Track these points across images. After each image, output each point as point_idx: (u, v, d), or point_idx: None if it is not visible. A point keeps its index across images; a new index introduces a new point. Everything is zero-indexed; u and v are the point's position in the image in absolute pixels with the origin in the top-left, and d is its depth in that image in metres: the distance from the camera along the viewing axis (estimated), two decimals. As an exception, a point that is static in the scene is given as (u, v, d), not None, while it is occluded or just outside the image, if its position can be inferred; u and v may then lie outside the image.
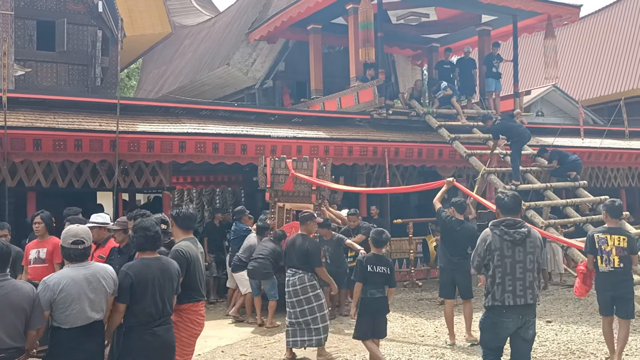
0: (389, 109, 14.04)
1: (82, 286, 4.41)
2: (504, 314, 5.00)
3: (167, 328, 4.78)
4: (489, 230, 5.08)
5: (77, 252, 4.54)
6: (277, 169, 10.45)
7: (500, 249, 4.99)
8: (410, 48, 19.36)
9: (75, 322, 4.36)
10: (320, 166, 10.48)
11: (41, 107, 11.03)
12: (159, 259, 4.85)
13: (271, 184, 10.44)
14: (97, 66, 14.56)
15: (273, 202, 10.54)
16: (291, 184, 10.34)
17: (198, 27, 23.03)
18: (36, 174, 10.40)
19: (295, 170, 10.31)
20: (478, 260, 5.12)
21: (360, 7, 13.35)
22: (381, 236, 6.93)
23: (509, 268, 4.96)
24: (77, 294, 4.37)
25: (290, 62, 18.10)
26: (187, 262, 5.19)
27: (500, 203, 5.21)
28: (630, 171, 17.55)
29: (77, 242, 4.55)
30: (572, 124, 18.60)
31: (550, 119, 21.87)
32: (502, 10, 15.08)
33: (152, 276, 4.68)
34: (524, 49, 25.63)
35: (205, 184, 18.88)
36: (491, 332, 5.10)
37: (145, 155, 11.05)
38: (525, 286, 4.97)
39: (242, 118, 13.00)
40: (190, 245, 5.40)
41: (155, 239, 4.83)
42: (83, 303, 4.38)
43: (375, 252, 6.91)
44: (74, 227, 4.76)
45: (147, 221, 4.93)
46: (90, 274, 4.49)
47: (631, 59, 23.60)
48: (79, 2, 14.66)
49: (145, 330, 4.64)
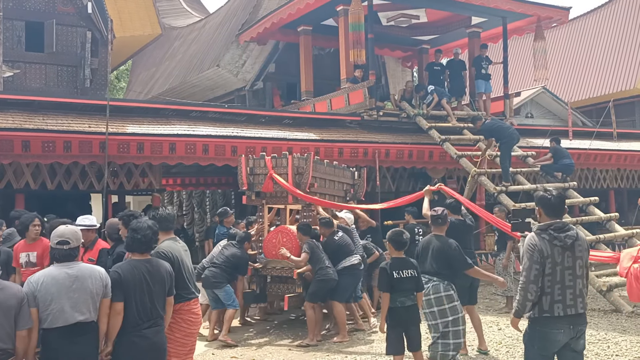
0: (380, 111, 14.06)
1: (63, 285, 4.36)
2: (554, 325, 4.54)
3: (156, 330, 4.73)
4: (536, 236, 4.58)
5: (63, 253, 4.50)
6: (256, 169, 9.69)
7: (551, 255, 4.52)
8: (401, 50, 19.40)
9: (56, 321, 4.31)
10: (298, 160, 9.42)
11: (30, 109, 10.95)
12: (148, 261, 4.80)
13: (249, 186, 9.68)
14: (86, 67, 14.49)
15: (259, 204, 9.86)
16: (270, 184, 9.43)
17: (188, 28, 22.98)
18: (25, 176, 10.33)
19: (274, 168, 9.44)
20: (537, 269, 4.49)
21: (351, 9, 13.36)
22: (401, 237, 6.33)
23: (559, 276, 4.52)
24: (56, 293, 4.33)
25: (280, 63, 18.09)
26: (170, 262, 5.10)
27: (546, 203, 4.70)
28: (619, 172, 17.65)
29: (63, 242, 4.51)
30: (561, 126, 18.70)
31: (539, 121, 21.96)
32: (491, 12, 15.14)
33: (139, 278, 4.63)
34: (514, 51, 25.73)
35: (195, 186, 18.81)
36: (539, 347, 4.62)
37: (135, 156, 10.99)
38: (575, 294, 4.55)
39: (233, 119, 12.96)
40: (171, 244, 5.33)
41: (142, 242, 4.78)
42: (63, 302, 4.33)
43: (397, 255, 6.29)
44: (62, 227, 4.72)
45: (140, 224, 4.86)
46: (74, 274, 4.44)
47: (620, 61, 23.75)
48: (68, 3, 14.58)
49: (134, 333, 4.59)
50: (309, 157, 9.42)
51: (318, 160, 9.97)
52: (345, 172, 10.76)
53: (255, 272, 9.43)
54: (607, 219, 12.39)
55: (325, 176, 10.02)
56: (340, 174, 10.56)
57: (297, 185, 9.24)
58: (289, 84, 18.31)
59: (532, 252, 4.53)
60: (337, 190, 10.45)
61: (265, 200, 9.70)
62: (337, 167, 10.58)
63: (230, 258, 8.91)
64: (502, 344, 8.19)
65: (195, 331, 5.40)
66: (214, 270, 8.84)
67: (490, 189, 12.32)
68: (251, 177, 9.70)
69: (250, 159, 9.74)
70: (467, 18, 16.26)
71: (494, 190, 12.16)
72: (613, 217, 12.56)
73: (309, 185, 9.29)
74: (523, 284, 4.55)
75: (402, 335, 6.23)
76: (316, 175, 9.64)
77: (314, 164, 9.56)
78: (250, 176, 9.70)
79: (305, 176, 9.32)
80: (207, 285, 8.83)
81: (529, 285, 4.51)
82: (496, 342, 8.14)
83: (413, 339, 6.27)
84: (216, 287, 8.77)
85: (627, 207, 17.89)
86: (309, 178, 9.30)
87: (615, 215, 12.82)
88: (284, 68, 18.05)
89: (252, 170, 9.69)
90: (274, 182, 9.33)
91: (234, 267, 8.94)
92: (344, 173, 10.71)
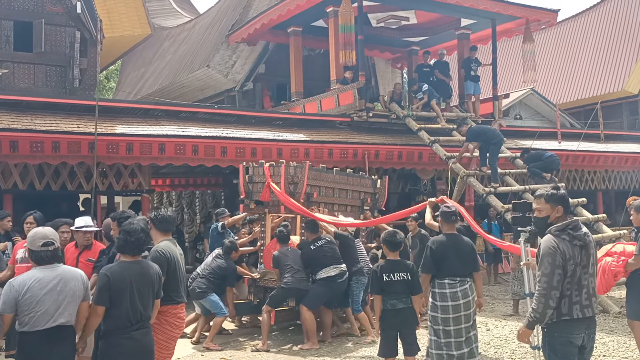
0: (369, 112, 14.07)
1: (48, 288, 4.33)
2: (574, 329, 4.25)
3: (145, 332, 4.70)
4: (555, 237, 4.29)
5: (49, 254, 4.46)
6: (255, 177, 9.41)
7: (573, 257, 4.25)
8: (390, 51, 19.44)
9: (39, 324, 4.27)
10: (294, 169, 9.17)
11: (18, 109, 10.88)
12: (138, 263, 4.77)
13: (247, 194, 9.45)
14: (75, 67, 14.39)
15: (261, 213, 9.53)
16: (268, 193, 9.14)
17: (178, 28, 22.91)
18: (13, 176, 10.26)
19: (272, 177, 9.12)
20: (560, 274, 4.20)
21: (341, 10, 13.37)
22: (395, 237, 6.24)
23: (577, 276, 4.27)
24: (42, 295, 4.29)
25: (270, 64, 18.09)
26: (167, 262, 5.10)
27: (564, 200, 4.47)
28: (607, 174, 17.78)
29: (47, 244, 4.47)
30: (549, 127, 18.80)
31: (528, 122, 22.10)
32: (481, 15, 15.21)
33: (130, 280, 4.60)
34: (503, 53, 25.86)
35: (185, 187, 18.77)
36: (562, 354, 4.27)
37: (124, 157, 10.94)
38: (589, 294, 4.31)
39: (222, 120, 12.94)
40: (170, 245, 5.31)
41: (134, 245, 4.73)
42: (48, 305, 4.30)
43: (391, 257, 6.23)
44: (41, 229, 4.69)
45: (133, 226, 4.81)
46: (59, 276, 4.41)
47: (608, 63, 23.92)
48: (57, 3, 14.49)
49: (123, 335, 4.56)
50: (304, 166, 9.15)
51: (324, 168, 9.75)
52: (364, 180, 10.44)
53: (253, 283, 9.24)
54: (595, 220, 12.46)
55: (333, 185, 9.75)
56: (356, 182, 10.24)
57: (292, 194, 9.02)
58: (279, 84, 18.32)
59: (554, 256, 4.22)
60: (351, 199, 10.12)
61: (268, 209, 9.43)
62: (352, 175, 10.30)
63: (217, 270, 8.84)
64: (491, 344, 8.23)
65: (177, 335, 5.36)
66: (199, 280, 8.78)
67: (479, 190, 12.38)
68: (250, 185, 9.48)
69: (249, 167, 9.54)
70: (456, 20, 16.33)
71: (483, 192, 12.22)
72: (601, 219, 12.64)
73: (302, 195, 9.08)
74: (544, 290, 4.20)
75: (396, 338, 6.16)
76: (319, 185, 9.42)
77: (317, 172, 9.40)
78: (249, 184, 9.47)
79: (300, 185, 9.10)
80: (193, 297, 8.72)
81: (550, 291, 4.19)
82: (485, 343, 8.17)
83: (408, 343, 6.17)
84: (201, 297, 8.69)
85: (614, 209, 18.01)
86: (304, 187, 9.09)
87: (603, 216, 12.91)
88: (274, 69, 18.05)
89: (250, 179, 9.47)
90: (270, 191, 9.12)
91: (221, 278, 8.83)
92: (361, 181, 10.37)
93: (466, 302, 6.10)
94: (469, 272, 6.25)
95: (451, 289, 6.09)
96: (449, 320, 6.06)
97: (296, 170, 9.19)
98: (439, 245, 6.19)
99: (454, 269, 6.13)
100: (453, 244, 6.21)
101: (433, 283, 6.20)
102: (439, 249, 6.16)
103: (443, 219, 6.42)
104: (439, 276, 6.11)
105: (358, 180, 10.35)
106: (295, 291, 8.41)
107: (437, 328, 6.11)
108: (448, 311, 6.07)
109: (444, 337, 6.06)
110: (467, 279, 6.18)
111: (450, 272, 6.13)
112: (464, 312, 6.09)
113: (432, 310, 6.17)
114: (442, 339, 6.07)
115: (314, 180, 9.35)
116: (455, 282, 6.10)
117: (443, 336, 6.07)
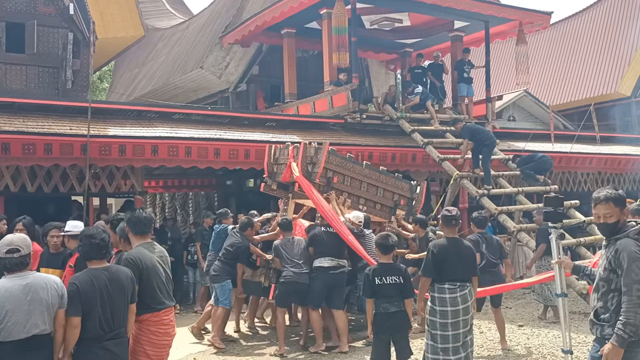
0: (363, 114, 14.07)
1: (18, 297, 4.16)
2: None
3: (118, 342, 4.56)
4: (635, 241, 4.02)
5: (13, 261, 4.28)
6: (280, 158, 9.20)
7: None
8: (384, 53, 19.45)
9: (11, 335, 4.12)
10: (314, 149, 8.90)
11: (10, 110, 10.83)
12: (107, 269, 4.62)
13: (270, 174, 9.27)
14: (68, 69, 14.33)
15: (284, 197, 9.31)
16: (288, 173, 8.88)
17: (171, 30, 22.87)
18: (4, 179, 10.21)
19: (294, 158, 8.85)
20: None
21: (334, 12, 13.37)
22: (387, 240, 6.21)
23: None
24: (12, 306, 4.13)
25: (264, 66, 18.08)
26: (138, 269, 4.88)
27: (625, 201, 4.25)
28: (600, 176, 17.82)
29: (12, 251, 4.30)
30: (543, 129, 18.84)
31: (522, 124, 22.14)
32: (474, 17, 15.23)
33: (99, 287, 4.46)
34: (496, 55, 25.91)
35: (178, 188, 18.75)
36: None
37: (116, 159, 10.90)
38: None
39: (216, 122, 12.92)
40: (143, 251, 5.07)
41: (100, 247, 4.61)
42: (19, 315, 4.14)
43: (384, 260, 6.20)
44: (10, 235, 4.58)
45: (92, 229, 4.73)
46: (28, 285, 4.24)
47: (601, 65, 24.00)
48: (50, 4, 14.44)
49: (96, 344, 4.43)
50: (323, 148, 8.98)
51: (351, 158, 9.62)
52: (400, 182, 10.27)
53: (266, 264, 8.86)
54: (589, 222, 12.46)
55: (361, 177, 9.63)
56: (391, 183, 10.08)
57: (308, 174, 8.85)
58: (273, 86, 18.31)
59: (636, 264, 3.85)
60: (383, 198, 9.94)
61: (292, 194, 9.26)
62: (386, 173, 10.12)
63: (229, 248, 8.68)
64: (484, 347, 8.24)
65: (167, 342, 5.12)
66: (217, 264, 8.72)
67: (472, 192, 12.39)
68: (274, 166, 9.37)
69: (277, 149, 9.46)
70: (449, 22, 16.36)
71: (477, 194, 12.23)
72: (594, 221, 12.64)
73: (318, 177, 8.90)
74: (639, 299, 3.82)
75: (388, 343, 6.10)
76: (344, 173, 9.28)
77: (342, 160, 9.30)
78: (274, 165, 9.37)
79: (317, 166, 8.91)
80: (211, 280, 8.78)
81: None
82: (477, 346, 8.17)
83: (400, 347, 6.11)
84: (216, 281, 8.65)
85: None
86: (320, 168, 8.91)
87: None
88: (268, 70, 18.04)
89: (276, 160, 9.38)
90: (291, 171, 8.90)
91: (234, 257, 8.64)
92: (397, 183, 10.20)
93: (465, 307, 6.07)
94: (469, 276, 6.23)
95: (451, 294, 6.05)
96: (448, 325, 6.03)
97: (316, 151, 9.02)
98: (441, 249, 6.13)
99: (455, 273, 6.09)
100: (454, 248, 6.17)
101: (432, 287, 6.14)
102: (440, 252, 6.10)
103: (443, 223, 6.40)
104: (439, 280, 6.07)
105: (393, 180, 10.17)
106: (295, 285, 8.21)
107: (434, 333, 6.07)
108: (447, 316, 6.03)
109: (441, 342, 6.03)
110: (466, 284, 6.15)
111: (450, 277, 6.09)
112: (462, 317, 6.06)
113: (430, 314, 6.12)
114: (439, 344, 6.03)
115: (336, 167, 9.21)
116: (455, 286, 6.06)
117: (440, 341, 6.03)
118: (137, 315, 4.88)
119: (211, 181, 17.98)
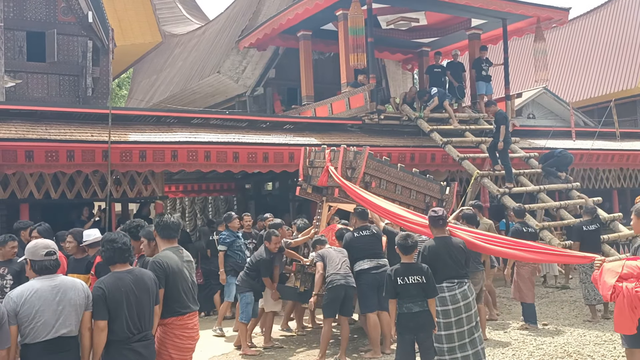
0: (381, 114, 14.04)
1: (47, 298, 4.26)
2: None
3: (146, 344, 4.62)
4: None
5: (52, 263, 4.41)
6: (316, 161, 9.09)
7: None
8: (401, 53, 19.40)
9: (40, 335, 4.19)
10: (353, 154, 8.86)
11: (32, 119, 10.98)
12: (131, 271, 4.69)
13: (305, 177, 9.15)
14: (88, 76, 14.51)
15: (318, 200, 9.22)
16: (325, 177, 8.76)
17: (188, 35, 23.03)
18: (29, 186, 10.35)
19: (331, 161, 8.71)
20: None
21: (350, 13, 13.36)
22: (407, 241, 6.11)
23: None
24: (40, 306, 4.22)
25: (280, 68, 18.11)
26: (164, 273, 4.93)
27: None
28: (622, 172, 17.62)
29: (50, 253, 4.42)
30: (563, 126, 18.67)
31: (541, 122, 21.97)
32: (491, 14, 15.14)
33: (125, 290, 4.51)
34: (515, 52, 25.75)
35: (198, 192, 18.87)
36: None
37: (137, 164, 11.00)
38: None
39: (234, 126, 12.98)
40: (170, 254, 5.12)
41: (122, 250, 4.67)
42: (48, 315, 4.22)
43: (405, 260, 6.10)
44: (41, 240, 4.69)
45: (113, 233, 4.80)
46: (57, 286, 4.34)
47: (620, 61, 23.76)
48: (69, 13, 14.62)
49: (124, 347, 4.48)
50: (363, 152, 8.94)
51: (387, 161, 9.56)
52: (431, 184, 10.13)
53: (302, 269, 8.67)
54: (611, 219, 12.37)
55: (396, 180, 9.52)
56: (423, 184, 9.96)
57: (348, 179, 8.76)
58: (290, 89, 18.35)
59: None
60: (415, 200, 9.81)
61: (326, 197, 9.20)
62: (418, 175, 10.02)
63: (252, 259, 8.57)
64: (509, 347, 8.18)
65: (191, 346, 5.16)
66: (241, 274, 8.62)
67: (493, 191, 12.32)
68: (310, 169, 9.33)
69: (312, 151, 9.46)
70: (466, 20, 16.28)
71: (498, 192, 12.16)
72: (617, 217, 12.54)
73: (359, 182, 8.80)
74: None
75: (412, 343, 6.03)
76: (380, 176, 9.21)
77: (379, 164, 9.22)
78: (309, 168, 9.34)
79: (358, 171, 8.85)
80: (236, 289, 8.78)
81: None
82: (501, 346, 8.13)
83: (425, 347, 6.00)
84: (238, 291, 8.62)
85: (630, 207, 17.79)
86: (361, 173, 8.84)
87: (619, 215, 12.81)
88: (284, 73, 18.07)
89: (311, 163, 9.35)
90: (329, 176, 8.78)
91: (255, 269, 8.46)
92: (428, 184, 10.07)
93: (466, 303, 6.11)
94: (465, 272, 6.25)
95: (450, 292, 6.11)
96: (451, 324, 6.05)
97: (355, 156, 8.98)
98: (430, 251, 6.21)
99: (450, 272, 6.15)
100: (444, 247, 6.22)
101: None
102: (430, 254, 6.18)
103: (431, 224, 6.41)
104: (436, 280, 6.06)
105: (424, 182, 10.07)
106: (344, 289, 7.78)
107: (438, 334, 6.07)
108: (449, 315, 6.06)
109: (447, 341, 6.05)
110: (464, 280, 6.18)
111: (446, 275, 6.14)
112: (465, 313, 6.09)
113: None
114: (445, 344, 6.05)
115: (374, 171, 9.12)
116: (453, 284, 6.12)
117: (446, 341, 6.05)
118: (162, 319, 4.94)
119: (230, 185, 18.07)
